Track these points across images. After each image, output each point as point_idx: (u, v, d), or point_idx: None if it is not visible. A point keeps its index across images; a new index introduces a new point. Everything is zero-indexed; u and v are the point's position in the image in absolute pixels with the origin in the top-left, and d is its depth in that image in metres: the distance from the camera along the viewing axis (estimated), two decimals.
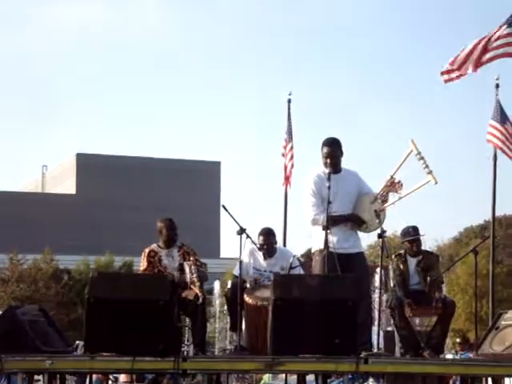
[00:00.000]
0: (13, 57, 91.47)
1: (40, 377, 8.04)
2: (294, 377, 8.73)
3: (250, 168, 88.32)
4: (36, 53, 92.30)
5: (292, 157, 17.24)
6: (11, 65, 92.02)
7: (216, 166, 69.72)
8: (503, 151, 15.70)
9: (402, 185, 8.30)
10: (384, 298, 9.05)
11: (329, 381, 7.97)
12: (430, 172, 8.08)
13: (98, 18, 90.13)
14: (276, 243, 8.94)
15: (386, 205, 8.40)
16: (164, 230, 8.70)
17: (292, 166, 17.22)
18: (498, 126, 15.80)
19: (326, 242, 8.11)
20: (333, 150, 8.45)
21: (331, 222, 8.19)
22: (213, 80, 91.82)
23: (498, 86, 16.05)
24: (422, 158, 8.12)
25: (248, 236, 8.40)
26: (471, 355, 12.06)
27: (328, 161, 8.42)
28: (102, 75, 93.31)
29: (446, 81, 13.59)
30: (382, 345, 9.22)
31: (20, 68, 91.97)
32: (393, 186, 8.32)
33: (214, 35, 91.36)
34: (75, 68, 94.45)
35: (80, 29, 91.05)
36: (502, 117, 15.83)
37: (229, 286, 8.88)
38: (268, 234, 8.82)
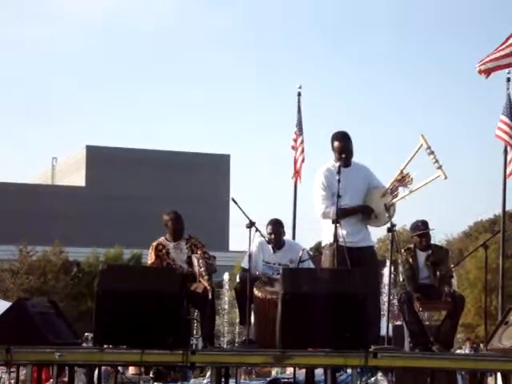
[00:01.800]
0: (21, 47, 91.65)
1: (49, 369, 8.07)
2: (303, 371, 8.73)
3: (260, 161, 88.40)
4: (46, 44, 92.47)
5: (303, 150, 17.21)
6: (20, 56, 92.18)
7: (225, 159, 69.71)
8: (510, 145, 15.64)
9: (412, 179, 8.26)
10: (393, 292, 9.03)
11: (337, 375, 7.95)
12: (440, 167, 8.04)
13: (106, 10, 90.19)
14: (284, 234, 8.91)
15: (396, 199, 8.37)
16: (169, 223, 8.69)
17: (303, 160, 17.19)
18: (508, 120, 15.74)
19: (336, 235, 8.09)
20: (346, 143, 8.42)
21: (341, 215, 8.17)
22: (222, 73, 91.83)
23: (509, 79, 15.97)
24: (432, 153, 8.08)
25: (257, 229, 8.38)
26: None
27: (342, 155, 8.38)
28: (113, 68, 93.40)
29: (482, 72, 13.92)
30: (391, 339, 9.20)
31: (29, 60, 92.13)
32: (403, 180, 8.29)
33: (224, 27, 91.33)
34: (85, 60, 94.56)
35: (91, 20, 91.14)
36: (511, 112, 15.76)
37: (238, 279, 8.86)
38: (276, 224, 8.80)
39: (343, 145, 8.40)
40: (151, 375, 11.85)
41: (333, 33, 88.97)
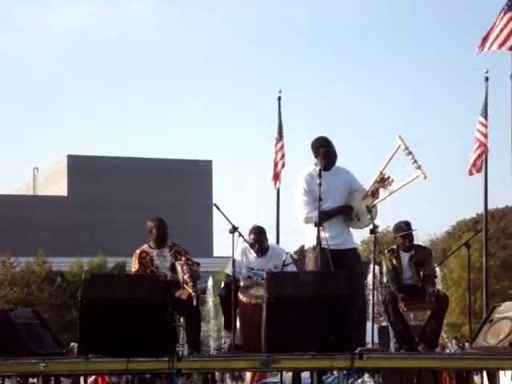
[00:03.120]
0: (2, 59, 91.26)
1: (35, 380, 8.03)
2: (290, 374, 8.73)
3: (242, 166, 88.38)
4: (26, 55, 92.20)
5: (283, 156, 17.29)
6: (1, 67, 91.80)
7: (208, 164, 69.69)
8: (484, 145, 15.70)
9: (391, 180, 8.29)
10: (378, 293, 9.06)
11: (324, 377, 7.96)
12: (419, 167, 8.07)
13: (86, 21, 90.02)
14: (267, 241, 8.92)
15: (377, 200, 8.39)
16: (154, 230, 8.67)
17: (283, 165, 17.25)
18: (484, 121, 15.83)
19: (319, 238, 8.10)
20: (331, 148, 8.43)
21: (324, 217, 8.17)
22: (202, 79, 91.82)
23: (487, 79, 16.05)
24: (410, 153, 8.10)
25: (240, 234, 8.39)
26: None
27: (329, 160, 8.39)
28: (92, 77, 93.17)
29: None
30: (376, 340, 9.23)
31: (10, 70, 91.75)
32: (383, 181, 8.31)
33: (204, 34, 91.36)
34: (65, 70, 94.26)
35: (71, 31, 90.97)
36: (486, 111, 15.86)
37: (222, 285, 8.87)
38: (258, 233, 8.81)
39: (329, 150, 8.42)
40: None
41: (319, 36, 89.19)
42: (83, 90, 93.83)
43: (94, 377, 8.70)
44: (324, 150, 8.39)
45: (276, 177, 17.31)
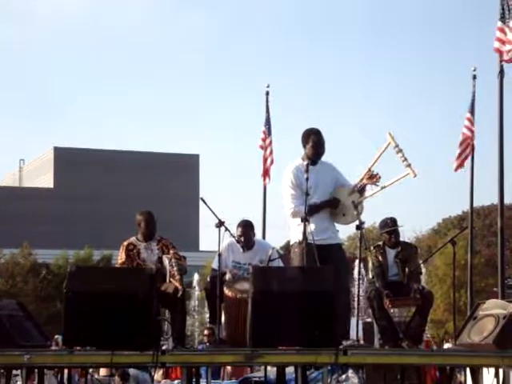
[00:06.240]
0: None
1: (18, 371, 8.00)
2: (274, 369, 8.74)
3: (229, 161, 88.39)
4: (13, 46, 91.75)
5: (271, 152, 17.31)
6: None
7: (195, 158, 69.62)
8: (471, 140, 15.79)
9: (379, 177, 8.29)
10: (363, 289, 9.08)
11: (308, 373, 7.98)
12: (409, 165, 8.07)
13: (75, 12, 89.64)
14: (254, 235, 8.93)
15: (366, 195, 8.37)
16: (142, 224, 8.64)
17: (272, 161, 17.27)
18: (471, 117, 15.89)
19: (305, 233, 8.10)
20: (321, 138, 8.42)
21: (311, 211, 8.16)
22: (191, 73, 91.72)
23: (475, 77, 16.10)
24: (401, 151, 8.10)
25: (227, 229, 8.39)
26: None
27: (318, 150, 8.38)
28: (80, 69, 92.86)
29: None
30: (361, 336, 9.25)
31: None
32: (371, 178, 8.31)
33: (193, 27, 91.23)
34: (52, 61, 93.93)
35: (61, 22, 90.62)
36: (473, 108, 15.90)
37: (208, 279, 8.87)
38: (246, 226, 8.81)
39: (319, 138, 8.41)
40: (117, 376, 11.81)
41: (307, 29, 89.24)
42: (71, 81, 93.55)
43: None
44: (314, 138, 8.37)
45: (265, 173, 17.33)
